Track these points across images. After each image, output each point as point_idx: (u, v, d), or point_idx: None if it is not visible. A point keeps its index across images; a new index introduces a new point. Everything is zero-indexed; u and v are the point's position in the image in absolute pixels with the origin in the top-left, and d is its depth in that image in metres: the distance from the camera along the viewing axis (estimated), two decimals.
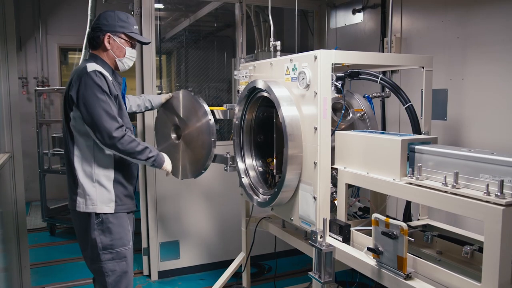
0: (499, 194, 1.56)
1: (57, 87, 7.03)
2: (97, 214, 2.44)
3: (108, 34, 2.54)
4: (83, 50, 5.42)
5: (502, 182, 1.56)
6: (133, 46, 2.66)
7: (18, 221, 3.42)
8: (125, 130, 2.40)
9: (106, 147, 2.39)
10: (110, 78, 2.48)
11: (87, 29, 5.33)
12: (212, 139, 2.88)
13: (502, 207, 1.53)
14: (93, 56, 2.58)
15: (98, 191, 2.45)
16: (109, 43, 2.55)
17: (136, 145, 2.43)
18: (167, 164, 2.71)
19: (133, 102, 3.07)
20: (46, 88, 7.19)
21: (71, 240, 5.58)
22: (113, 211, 2.47)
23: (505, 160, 1.60)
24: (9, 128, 3.34)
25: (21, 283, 3.50)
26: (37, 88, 6.08)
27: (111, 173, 2.49)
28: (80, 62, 2.56)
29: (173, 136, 3.18)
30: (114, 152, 2.44)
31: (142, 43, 2.76)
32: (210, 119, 2.91)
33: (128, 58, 2.65)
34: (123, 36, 2.59)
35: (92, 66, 2.42)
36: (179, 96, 3.12)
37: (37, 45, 7.52)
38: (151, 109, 3.19)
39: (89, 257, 2.53)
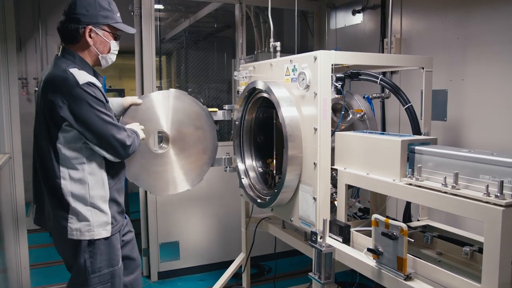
0: (499, 194, 1.56)
1: None
2: (89, 241, 2.15)
3: (90, 27, 2.15)
4: None
5: (502, 182, 1.56)
6: (116, 38, 2.29)
7: (17, 222, 3.42)
8: (130, 134, 2.21)
9: (122, 158, 2.21)
10: (100, 85, 2.16)
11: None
12: (217, 143, 2.81)
13: (502, 208, 1.53)
14: (69, 53, 2.18)
15: (95, 214, 2.14)
16: (90, 37, 2.16)
17: (136, 138, 2.25)
18: (140, 136, 2.40)
19: None
20: None
21: None
22: (109, 234, 2.19)
23: (505, 161, 1.60)
24: (8, 129, 3.35)
25: (20, 283, 3.50)
26: (37, 89, 6.07)
27: (106, 193, 2.19)
28: (53, 61, 2.22)
29: (158, 145, 2.87)
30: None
31: (129, 32, 2.36)
32: (215, 122, 2.81)
33: (112, 53, 2.30)
34: (106, 28, 2.20)
35: (80, 76, 2.06)
36: (166, 97, 2.76)
37: (37, 46, 7.52)
38: None
39: (71, 281, 2.27)
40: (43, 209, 2.27)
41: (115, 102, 2.60)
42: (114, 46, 2.28)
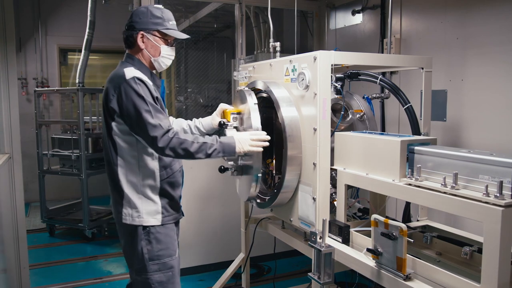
0: (498, 195, 1.56)
1: (56, 88, 7.05)
2: (144, 227, 2.31)
3: (141, 32, 2.35)
4: (83, 51, 5.44)
5: (501, 183, 1.57)
6: (169, 44, 2.43)
7: (17, 222, 3.42)
8: (172, 134, 2.21)
9: (161, 155, 2.29)
10: (150, 82, 2.29)
11: (87, 30, 5.37)
12: None
13: (501, 208, 1.53)
14: (129, 57, 2.40)
15: (144, 203, 2.31)
16: (142, 42, 2.36)
17: (189, 145, 2.22)
18: (242, 145, 2.33)
19: (176, 125, 2.72)
20: (46, 89, 7.21)
21: (71, 241, 5.59)
22: (160, 223, 2.33)
23: (504, 161, 1.60)
24: (8, 129, 3.35)
25: (20, 284, 3.50)
26: (36, 89, 6.08)
27: (157, 183, 2.33)
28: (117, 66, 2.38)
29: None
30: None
31: (181, 37, 2.47)
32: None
33: (164, 57, 2.42)
34: (157, 33, 2.37)
35: (130, 72, 2.25)
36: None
37: (37, 46, 7.52)
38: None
39: (134, 269, 2.38)
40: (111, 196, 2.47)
41: (205, 123, 2.72)
42: (166, 50, 2.42)
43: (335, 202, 2.43)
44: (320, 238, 2.20)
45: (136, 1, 4.08)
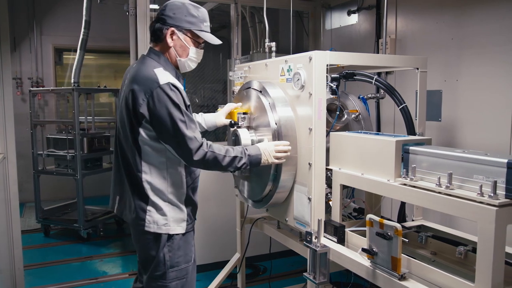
0: (492, 195, 1.57)
1: (51, 88, 7.02)
2: (168, 235, 2.23)
3: (172, 29, 2.21)
4: (78, 50, 5.42)
5: (495, 183, 1.57)
6: (199, 46, 2.32)
7: (11, 222, 3.40)
8: (207, 147, 2.15)
9: (189, 165, 2.22)
10: (181, 87, 2.17)
11: (82, 29, 5.35)
12: None
13: (495, 208, 1.54)
14: (155, 54, 2.26)
15: (172, 210, 2.22)
16: (171, 39, 2.23)
17: (221, 159, 2.18)
18: (267, 157, 2.32)
19: None
20: (41, 88, 7.17)
21: (66, 241, 5.57)
22: (184, 231, 2.27)
23: (498, 161, 1.61)
24: (2, 129, 3.33)
25: (14, 284, 3.48)
26: (31, 89, 6.05)
27: (183, 190, 2.26)
28: (140, 59, 2.32)
29: None
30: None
31: (213, 42, 2.35)
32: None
33: (191, 59, 2.31)
34: (188, 33, 2.25)
35: (163, 76, 2.11)
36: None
37: (32, 46, 7.49)
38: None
39: (152, 275, 2.29)
40: (125, 200, 2.33)
41: (208, 119, 2.70)
42: (194, 52, 2.30)
43: (330, 202, 2.43)
44: (315, 238, 2.20)
45: (131, 1, 4.07)
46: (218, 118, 2.70)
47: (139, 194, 2.21)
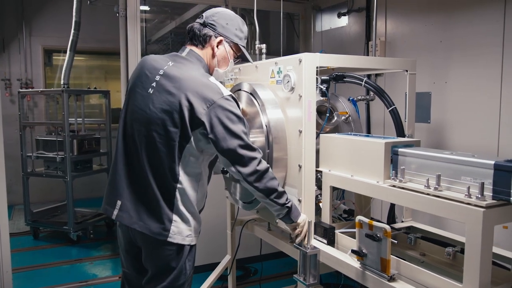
0: (479, 196, 1.58)
1: (41, 89, 6.97)
2: (191, 246, 2.18)
3: (221, 38, 2.20)
4: (68, 52, 5.39)
5: (482, 184, 1.59)
6: (234, 60, 2.34)
7: (0, 225, 3.36)
8: (264, 161, 2.09)
9: (247, 182, 2.09)
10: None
11: (72, 30, 5.32)
12: None
13: (482, 209, 1.55)
14: (197, 58, 2.19)
15: (195, 222, 2.17)
16: (217, 48, 2.21)
17: (277, 184, 2.13)
18: (302, 219, 2.27)
19: None
20: (30, 90, 7.13)
21: (55, 244, 5.53)
22: (195, 242, 2.22)
23: (486, 163, 1.62)
24: None
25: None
26: (20, 90, 6.01)
27: (203, 202, 2.25)
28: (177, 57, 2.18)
29: None
30: (252, 189, 2.13)
31: (246, 61, 2.40)
32: None
33: (226, 72, 2.32)
34: (234, 47, 2.26)
35: (222, 87, 2.05)
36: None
37: (21, 46, 7.44)
38: None
39: (167, 285, 2.18)
40: (128, 207, 2.15)
41: None
42: (231, 66, 2.32)
43: (320, 204, 2.44)
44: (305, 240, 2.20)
45: (121, 2, 4.06)
46: None
47: (168, 203, 2.08)
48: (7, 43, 7.33)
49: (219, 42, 2.20)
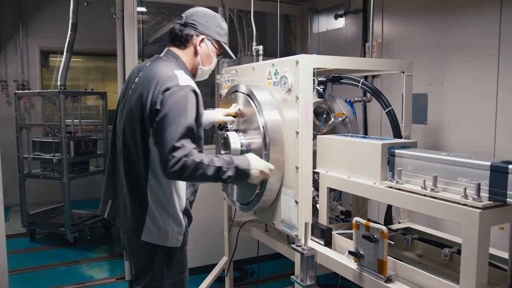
0: (476, 197, 1.59)
1: (37, 91, 6.96)
2: (166, 248, 2.15)
3: (203, 36, 2.23)
4: (65, 53, 5.38)
5: (479, 185, 1.59)
6: (217, 58, 2.36)
7: None
8: (186, 155, 1.93)
9: (164, 175, 2.01)
10: (199, 93, 2.08)
11: (69, 32, 5.31)
12: None
13: (479, 210, 1.56)
14: (174, 57, 2.21)
15: (172, 223, 2.14)
16: (200, 46, 2.23)
17: (208, 172, 2.00)
18: (256, 173, 2.20)
19: None
20: (27, 91, 7.10)
21: (52, 246, 5.51)
22: (180, 245, 2.19)
23: (482, 164, 1.63)
24: None
25: None
26: (17, 92, 5.99)
27: (182, 202, 2.19)
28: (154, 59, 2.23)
29: None
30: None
31: (229, 57, 2.45)
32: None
33: (210, 69, 2.33)
34: (216, 44, 2.28)
35: (184, 78, 2.03)
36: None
37: (17, 48, 7.42)
38: None
39: (145, 286, 2.21)
40: (118, 206, 2.24)
41: (205, 116, 2.53)
42: (214, 63, 2.35)
43: (317, 205, 2.44)
44: (303, 241, 2.20)
45: (118, 3, 4.05)
46: (215, 114, 2.66)
47: (140, 202, 2.11)
48: (3, 44, 7.31)
49: (201, 41, 2.23)
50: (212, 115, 2.67)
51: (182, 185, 2.19)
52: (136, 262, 2.27)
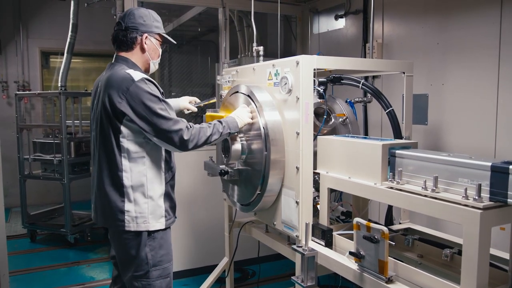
0: (476, 198, 1.59)
1: (38, 92, 6.96)
2: (149, 232, 2.29)
3: (146, 35, 2.37)
4: (65, 54, 5.38)
5: (479, 186, 1.59)
6: (161, 47, 2.52)
7: None
8: (189, 126, 2.26)
9: (182, 151, 2.27)
10: (154, 81, 2.29)
11: (70, 33, 5.31)
12: None
13: (479, 211, 1.56)
14: (122, 60, 2.37)
15: (150, 207, 2.28)
16: (146, 44, 2.38)
17: (208, 133, 2.30)
18: (240, 122, 2.48)
19: None
20: (27, 92, 7.10)
21: (52, 247, 5.50)
22: (163, 227, 2.33)
23: (483, 164, 1.63)
24: None
25: None
26: (17, 92, 5.98)
27: (162, 186, 2.33)
28: (107, 67, 2.41)
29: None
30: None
31: (170, 43, 2.57)
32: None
33: (158, 59, 2.50)
34: (157, 37, 2.44)
35: (136, 74, 2.23)
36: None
37: (18, 49, 7.42)
38: None
39: (134, 275, 2.32)
40: (96, 205, 2.39)
41: (173, 103, 2.79)
42: (160, 53, 2.50)
43: (318, 206, 2.44)
44: (303, 242, 2.20)
45: (119, 4, 4.05)
46: (181, 101, 2.86)
47: (119, 193, 2.26)
48: (4, 45, 7.31)
49: (146, 39, 2.38)
50: (178, 102, 2.86)
51: (159, 171, 2.32)
52: (120, 252, 2.38)
